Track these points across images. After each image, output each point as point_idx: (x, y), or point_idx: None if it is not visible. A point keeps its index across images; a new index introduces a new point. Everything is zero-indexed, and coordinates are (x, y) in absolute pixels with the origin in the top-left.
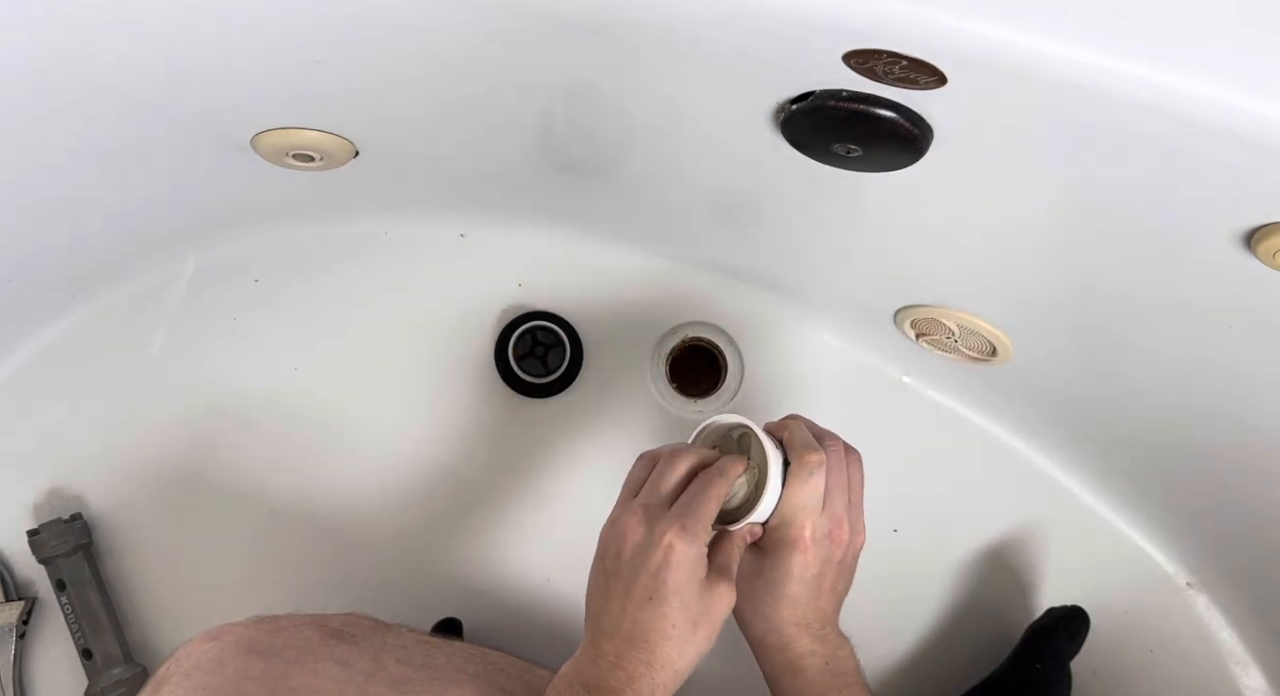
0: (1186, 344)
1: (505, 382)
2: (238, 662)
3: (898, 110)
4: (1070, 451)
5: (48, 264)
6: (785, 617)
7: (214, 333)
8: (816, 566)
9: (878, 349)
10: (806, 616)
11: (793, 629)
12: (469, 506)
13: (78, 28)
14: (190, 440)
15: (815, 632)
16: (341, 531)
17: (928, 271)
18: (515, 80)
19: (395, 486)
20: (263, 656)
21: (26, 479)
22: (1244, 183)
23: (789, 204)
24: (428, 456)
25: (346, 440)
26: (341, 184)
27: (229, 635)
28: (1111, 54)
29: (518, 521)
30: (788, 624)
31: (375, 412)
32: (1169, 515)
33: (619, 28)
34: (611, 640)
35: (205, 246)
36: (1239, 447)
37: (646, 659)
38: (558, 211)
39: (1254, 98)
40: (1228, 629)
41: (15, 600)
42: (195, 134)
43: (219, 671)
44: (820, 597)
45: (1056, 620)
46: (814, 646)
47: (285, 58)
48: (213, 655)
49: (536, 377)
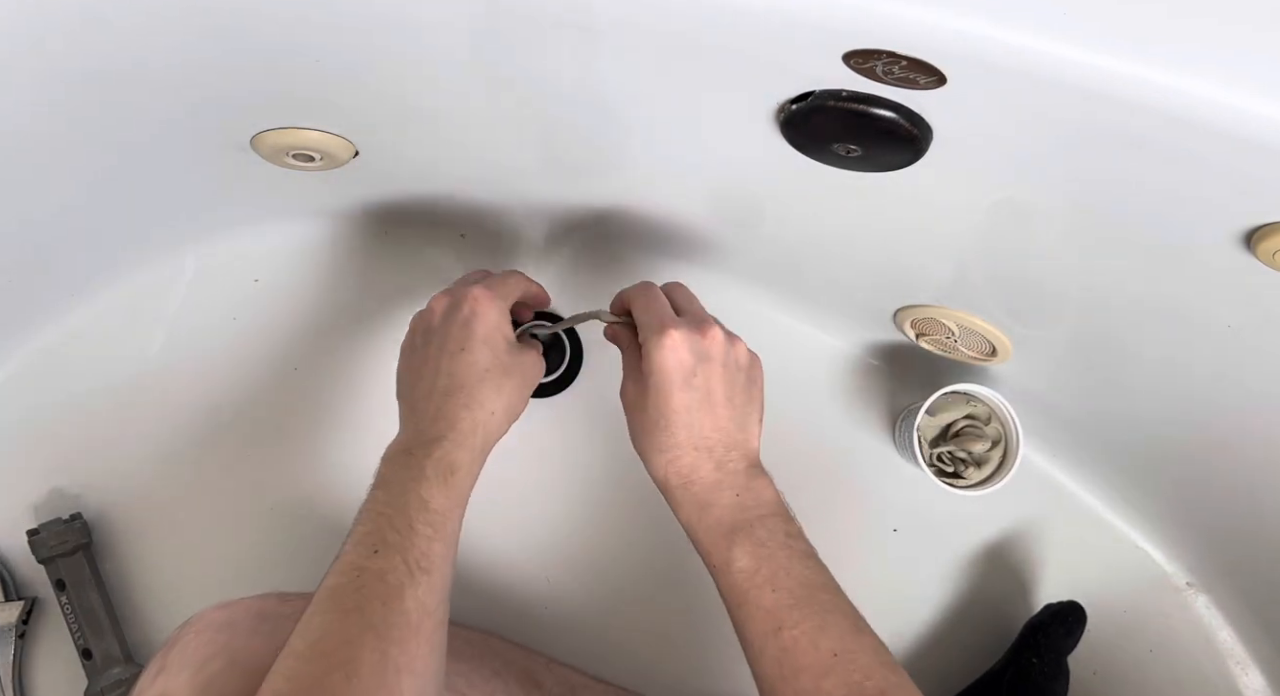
0: (1186, 344)
1: None
2: (247, 624)
3: (897, 110)
4: (1070, 451)
5: (48, 264)
6: (681, 439)
7: (214, 333)
8: (690, 364)
9: (877, 349)
10: (703, 436)
11: (691, 454)
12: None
13: (78, 27)
14: (190, 440)
15: (718, 458)
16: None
17: (928, 271)
18: (515, 80)
19: None
20: (272, 619)
21: (26, 479)
22: (1244, 183)
23: (789, 204)
24: None
25: (346, 440)
26: (341, 184)
27: (241, 604)
28: (1111, 54)
29: (517, 520)
30: (685, 448)
31: (375, 412)
32: (1169, 515)
33: (618, 28)
34: (428, 401)
35: (205, 246)
36: (1238, 446)
37: (465, 401)
38: (558, 211)
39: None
40: (1227, 628)
41: (15, 600)
42: (195, 134)
43: (228, 629)
44: (715, 411)
45: (1053, 615)
46: (717, 476)
47: (285, 58)
48: (224, 618)
49: None
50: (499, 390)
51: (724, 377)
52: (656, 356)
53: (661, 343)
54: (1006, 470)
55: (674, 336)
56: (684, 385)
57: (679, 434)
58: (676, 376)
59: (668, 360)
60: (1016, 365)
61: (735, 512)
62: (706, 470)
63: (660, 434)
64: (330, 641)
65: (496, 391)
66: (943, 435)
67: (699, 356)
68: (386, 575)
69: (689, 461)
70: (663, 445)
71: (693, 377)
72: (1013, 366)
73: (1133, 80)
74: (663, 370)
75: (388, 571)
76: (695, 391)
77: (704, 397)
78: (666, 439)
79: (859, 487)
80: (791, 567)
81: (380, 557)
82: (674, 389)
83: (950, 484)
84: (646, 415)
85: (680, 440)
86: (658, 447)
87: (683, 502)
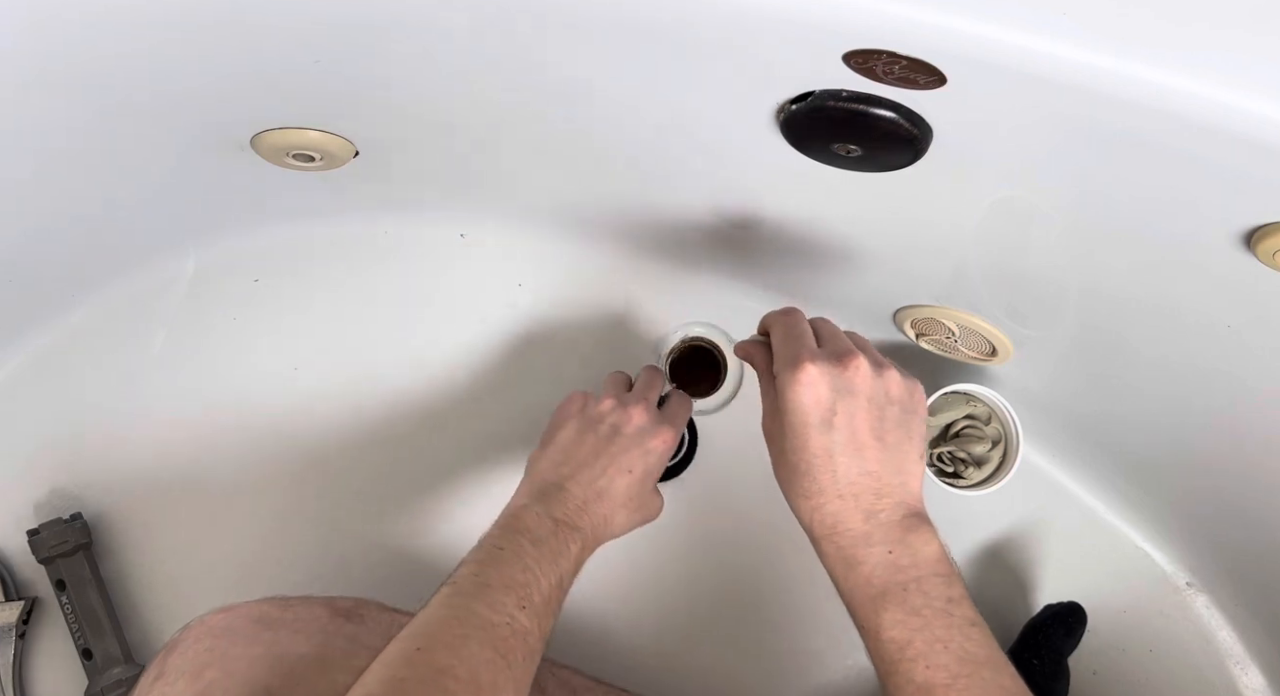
0: (1186, 344)
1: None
2: (247, 630)
3: (897, 110)
4: (1069, 451)
5: (48, 264)
6: (825, 485)
7: (214, 332)
8: (829, 403)
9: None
10: (851, 482)
11: (836, 503)
12: (470, 506)
13: (78, 28)
14: (190, 440)
15: (867, 508)
16: (342, 530)
17: (928, 271)
18: (514, 80)
19: (396, 484)
20: (271, 627)
21: (26, 479)
22: (1244, 183)
23: (788, 204)
24: (427, 456)
25: (346, 440)
26: (341, 184)
27: (241, 608)
28: (1111, 54)
29: None
30: (830, 496)
31: (374, 412)
32: (1168, 515)
33: (618, 28)
34: (585, 489)
35: (205, 246)
36: (1238, 447)
37: (608, 514)
38: (557, 211)
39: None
40: (1227, 628)
41: (15, 600)
42: (195, 134)
43: (227, 637)
44: (863, 452)
45: (1053, 616)
46: (866, 528)
47: (285, 58)
48: (223, 623)
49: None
50: (629, 518)
51: (870, 414)
52: (790, 393)
53: (796, 377)
54: (1006, 470)
55: (810, 370)
56: (822, 425)
57: (821, 479)
58: (814, 416)
59: (803, 397)
60: (1016, 365)
61: (887, 572)
62: (854, 521)
63: (801, 478)
64: (484, 681)
65: (627, 518)
66: (943, 435)
67: (839, 391)
68: (528, 637)
69: (834, 509)
70: (806, 491)
71: (833, 416)
72: (1013, 366)
73: (1133, 80)
74: (798, 409)
75: (529, 633)
76: (837, 432)
77: (848, 439)
78: (809, 484)
79: None
80: (950, 640)
81: (525, 616)
82: (811, 430)
83: (950, 484)
84: (785, 457)
85: (824, 486)
86: (801, 493)
87: (829, 555)
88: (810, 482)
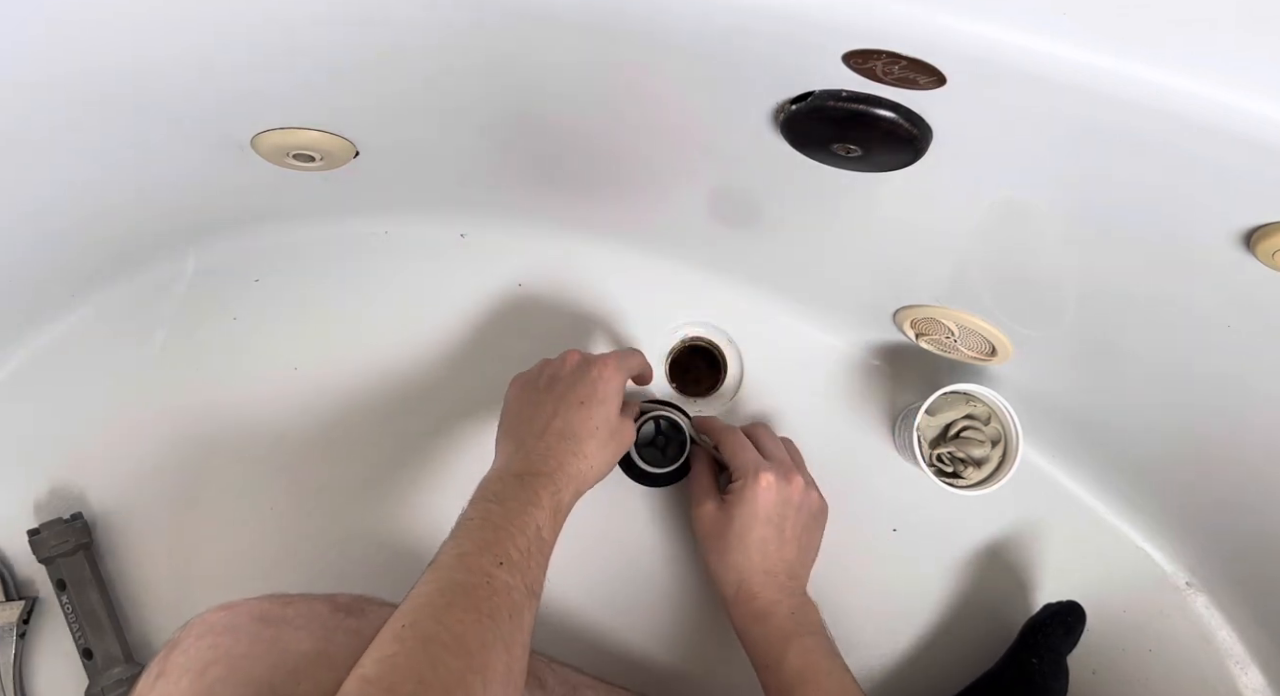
0: (1186, 344)
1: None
2: (249, 628)
3: (897, 110)
4: (1069, 451)
5: (48, 264)
6: (755, 563)
7: (214, 332)
8: (776, 506)
9: (877, 349)
10: (772, 564)
11: (761, 576)
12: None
13: (78, 27)
14: (190, 440)
15: (780, 583)
16: (342, 530)
17: (928, 271)
18: (514, 81)
19: (396, 484)
20: (273, 624)
21: (26, 479)
22: (1244, 183)
23: (788, 204)
24: (427, 455)
25: (346, 439)
26: (341, 184)
27: (242, 605)
28: (1111, 54)
29: None
30: (756, 571)
31: (375, 411)
32: (1168, 515)
33: (618, 28)
34: (540, 438)
35: (205, 246)
36: (1238, 447)
37: (574, 449)
38: (557, 211)
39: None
40: (1226, 628)
41: (15, 600)
42: (195, 134)
43: (230, 634)
44: (785, 546)
45: (1052, 615)
46: (779, 596)
47: (285, 58)
48: (225, 621)
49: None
50: (602, 448)
51: (796, 521)
52: (749, 494)
53: (757, 484)
54: (1006, 470)
55: (767, 480)
56: (766, 521)
57: (753, 558)
58: (762, 514)
59: (759, 499)
60: (1016, 365)
61: (790, 624)
62: (771, 590)
63: (736, 555)
64: (471, 641)
65: (600, 448)
66: (943, 435)
67: (783, 500)
68: (512, 591)
69: (759, 581)
70: (737, 565)
71: (775, 517)
72: (1013, 366)
73: (1133, 80)
74: (753, 509)
75: (512, 588)
76: (773, 526)
77: (778, 532)
78: (742, 560)
79: (859, 487)
80: (833, 672)
81: (505, 571)
82: (758, 522)
83: (950, 484)
84: (726, 540)
85: (754, 564)
86: (731, 566)
87: (745, 614)
88: (744, 560)
